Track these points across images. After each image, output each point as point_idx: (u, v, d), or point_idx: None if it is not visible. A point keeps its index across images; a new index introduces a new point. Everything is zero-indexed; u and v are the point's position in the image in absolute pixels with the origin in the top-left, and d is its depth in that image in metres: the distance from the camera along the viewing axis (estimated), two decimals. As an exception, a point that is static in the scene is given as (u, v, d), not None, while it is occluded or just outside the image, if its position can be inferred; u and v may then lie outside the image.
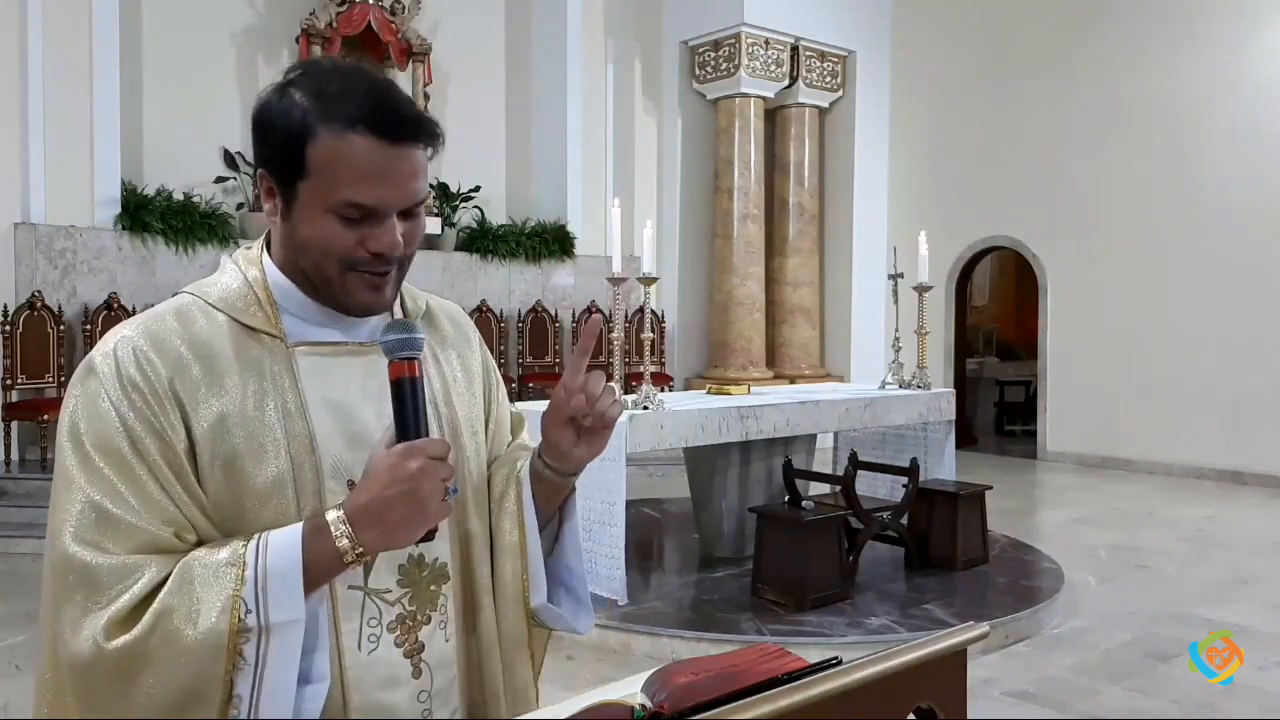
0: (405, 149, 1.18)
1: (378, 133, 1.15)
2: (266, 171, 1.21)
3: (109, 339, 1.20)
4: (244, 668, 1.07)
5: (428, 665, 1.27)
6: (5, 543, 6.25)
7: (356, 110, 1.15)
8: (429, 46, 9.19)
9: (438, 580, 1.29)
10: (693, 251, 10.82)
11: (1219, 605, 5.17)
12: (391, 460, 1.09)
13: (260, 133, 1.21)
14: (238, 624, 1.06)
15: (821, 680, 0.82)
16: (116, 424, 1.13)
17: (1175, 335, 9.24)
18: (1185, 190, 9.19)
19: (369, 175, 1.16)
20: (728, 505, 5.67)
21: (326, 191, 1.16)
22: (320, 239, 1.18)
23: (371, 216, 1.18)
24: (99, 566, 1.07)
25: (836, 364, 11.00)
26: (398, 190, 1.18)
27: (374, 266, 1.20)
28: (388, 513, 1.09)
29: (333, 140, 1.15)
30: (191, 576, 1.08)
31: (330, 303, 1.25)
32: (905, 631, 4.48)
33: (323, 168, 1.15)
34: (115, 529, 1.09)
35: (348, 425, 1.24)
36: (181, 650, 1.05)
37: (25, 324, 7.20)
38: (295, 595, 1.09)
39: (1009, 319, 14.29)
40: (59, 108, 7.43)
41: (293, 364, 1.23)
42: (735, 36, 10.20)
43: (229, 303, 1.24)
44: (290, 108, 1.17)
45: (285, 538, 1.11)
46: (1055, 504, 8.26)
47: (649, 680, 1.07)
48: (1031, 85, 10.15)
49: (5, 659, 4.39)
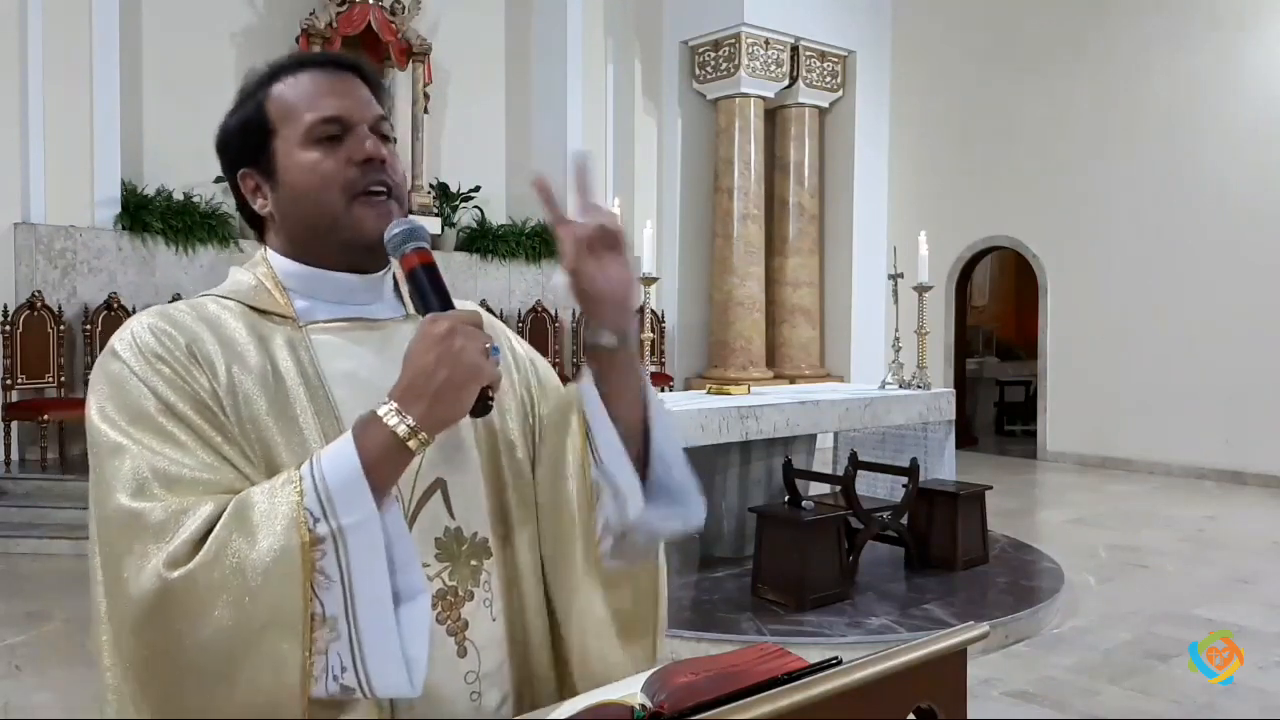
0: (348, 75, 1.28)
1: (320, 65, 1.28)
2: (247, 170, 1.27)
3: (122, 330, 1.22)
4: (329, 585, 1.02)
5: (474, 645, 1.23)
6: (5, 543, 6.24)
7: (297, 59, 1.30)
8: (429, 46, 9.19)
9: (478, 555, 1.25)
10: (693, 251, 10.82)
11: (1219, 605, 5.17)
12: (422, 331, 1.09)
13: (224, 144, 1.29)
14: (308, 535, 1.02)
15: (821, 680, 0.81)
16: (147, 394, 1.13)
17: (1175, 335, 9.24)
18: (1185, 190, 9.20)
19: (325, 93, 1.24)
20: (728, 505, 5.67)
21: (296, 126, 1.23)
22: (310, 172, 1.22)
23: (346, 131, 1.23)
24: (154, 511, 1.05)
25: (836, 364, 11.00)
26: (356, 101, 1.25)
27: (369, 177, 1.23)
28: (431, 380, 1.06)
29: (284, 85, 1.25)
30: (250, 504, 1.05)
31: (342, 253, 1.25)
32: (905, 631, 4.47)
33: (283, 110, 1.24)
34: (166, 480, 1.08)
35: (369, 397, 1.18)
36: (251, 573, 1.01)
37: (25, 324, 7.20)
38: (362, 492, 1.04)
39: (1009, 319, 14.29)
40: (59, 108, 7.43)
41: (307, 341, 1.24)
42: (735, 36, 10.20)
43: (241, 294, 1.26)
44: (241, 104, 1.29)
45: (338, 445, 1.08)
46: (1055, 504, 8.26)
47: (649, 680, 1.07)
48: (1032, 85, 10.16)
49: (5, 659, 4.38)
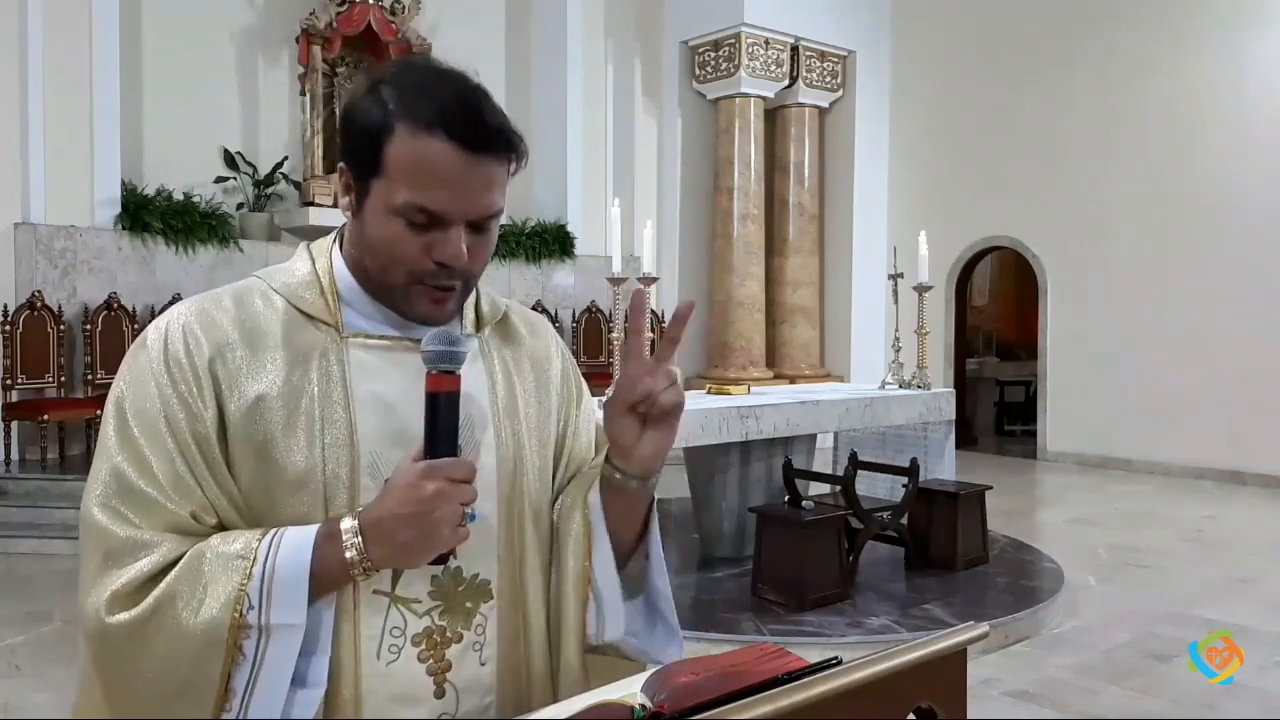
0: (482, 158, 1.14)
1: (455, 138, 1.12)
2: (345, 165, 1.20)
3: (164, 316, 1.21)
4: (242, 663, 1.06)
5: (454, 687, 1.20)
6: (5, 543, 6.24)
7: (438, 113, 1.12)
8: (429, 46, 9.18)
9: (476, 598, 1.23)
10: (693, 251, 10.82)
11: (1219, 605, 5.17)
12: (410, 478, 1.07)
13: (345, 126, 1.20)
14: (239, 619, 1.05)
15: (821, 680, 0.81)
16: (155, 397, 1.14)
17: (1175, 335, 9.24)
18: (1185, 190, 9.19)
19: (440, 181, 1.13)
20: (728, 505, 5.67)
21: (396, 192, 1.13)
22: (386, 241, 1.16)
23: (438, 224, 1.14)
24: (114, 535, 1.08)
25: (836, 364, 11.00)
26: (467, 200, 1.14)
27: (438, 279, 1.17)
28: (397, 532, 1.07)
29: (409, 140, 1.12)
30: (201, 564, 1.07)
31: (391, 307, 1.23)
32: (905, 631, 4.47)
33: (396, 167, 1.13)
34: (136, 500, 1.10)
35: (391, 423, 1.21)
36: (180, 636, 1.05)
37: (25, 324, 7.19)
38: (299, 599, 1.07)
39: (1009, 319, 14.29)
40: (59, 108, 7.43)
41: (344, 354, 1.21)
42: (735, 36, 10.20)
43: (291, 289, 1.23)
44: (374, 104, 1.15)
45: (299, 538, 1.09)
46: (1055, 504, 8.25)
47: (649, 680, 1.07)
48: (1032, 85, 10.15)
49: (5, 659, 4.38)
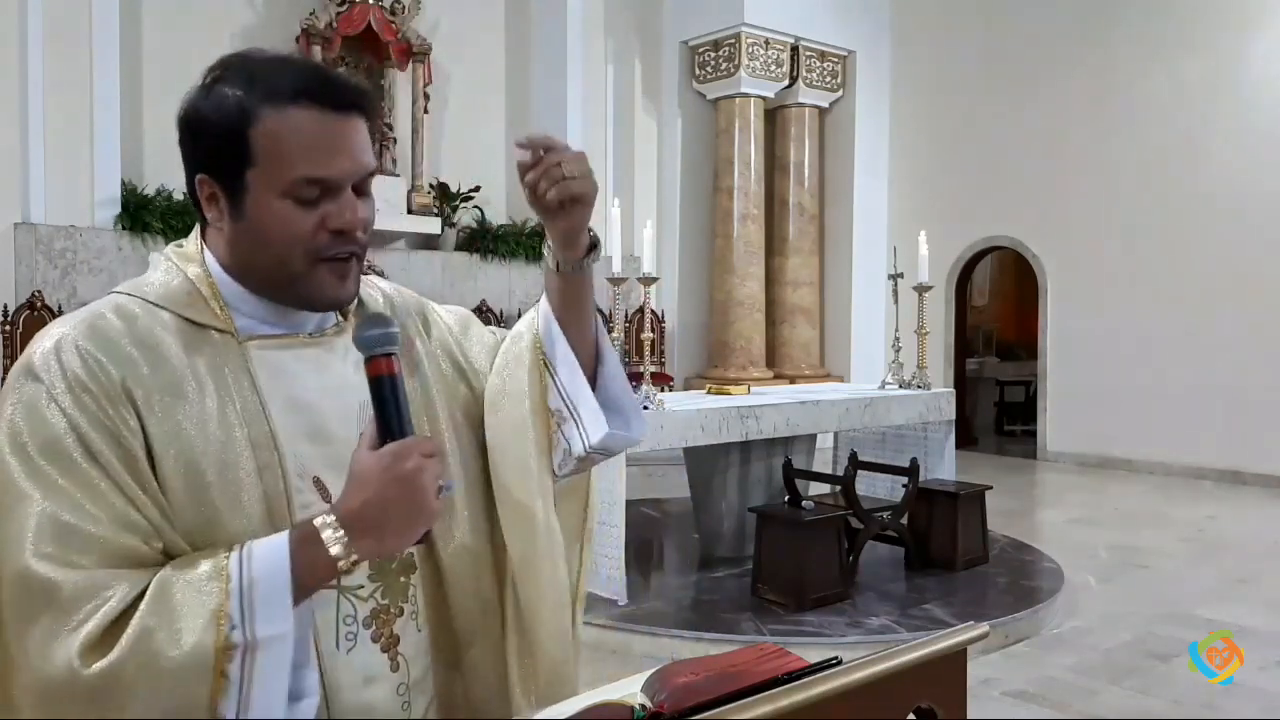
0: (350, 116, 1.15)
1: (322, 103, 1.12)
2: (206, 176, 1.16)
3: (44, 339, 1.12)
4: (228, 688, 0.99)
5: (404, 657, 1.24)
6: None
7: (296, 84, 1.12)
8: (429, 46, 9.18)
9: (407, 571, 1.26)
10: (693, 251, 10.81)
11: (1219, 605, 5.17)
12: (384, 461, 1.04)
13: (192, 136, 1.16)
14: (223, 640, 0.99)
15: (821, 680, 0.81)
16: (65, 428, 1.05)
17: (1175, 335, 9.24)
18: (1185, 190, 9.19)
19: (319, 148, 1.12)
20: (728, 505, 5.67)
21: (279, 173, 1.11)
22: (279, 226, 1.13)
23: (329, 192, 1.14)
24: (64, 584, 0.98)
25: (836, 364, 11.00)
26: (350, 159, 1.14)
27: (339, 248, 1.16)
28: (385, 516, 1.04)
29: (277, 118, 1.11)
30: (170, 593, 1.00)
31: (291, 301, 1.20)
32: (905, 631, 4.48)
33: (270, 150, 1.11)
34: (77, 540, 1.01)
35: (308, 421, 1.20)
36: (165, 673, 0.97)
37: (25, 324, 7.17)
38: (284, 606, 1.02)
39: (1009, 319, 14.28)
40: (59, 108, 7.42)
41: (247, 361, 1.18)
42: (735, 36, 10.20)
43: (173, 299, 1.19)
44: (223, 100, 1.13)
45: (271, 546, 1.05)
46: (1055, 504, 8.25)
47: (649, 680, 1.07)
48: (1032, 85, 10.15)
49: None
